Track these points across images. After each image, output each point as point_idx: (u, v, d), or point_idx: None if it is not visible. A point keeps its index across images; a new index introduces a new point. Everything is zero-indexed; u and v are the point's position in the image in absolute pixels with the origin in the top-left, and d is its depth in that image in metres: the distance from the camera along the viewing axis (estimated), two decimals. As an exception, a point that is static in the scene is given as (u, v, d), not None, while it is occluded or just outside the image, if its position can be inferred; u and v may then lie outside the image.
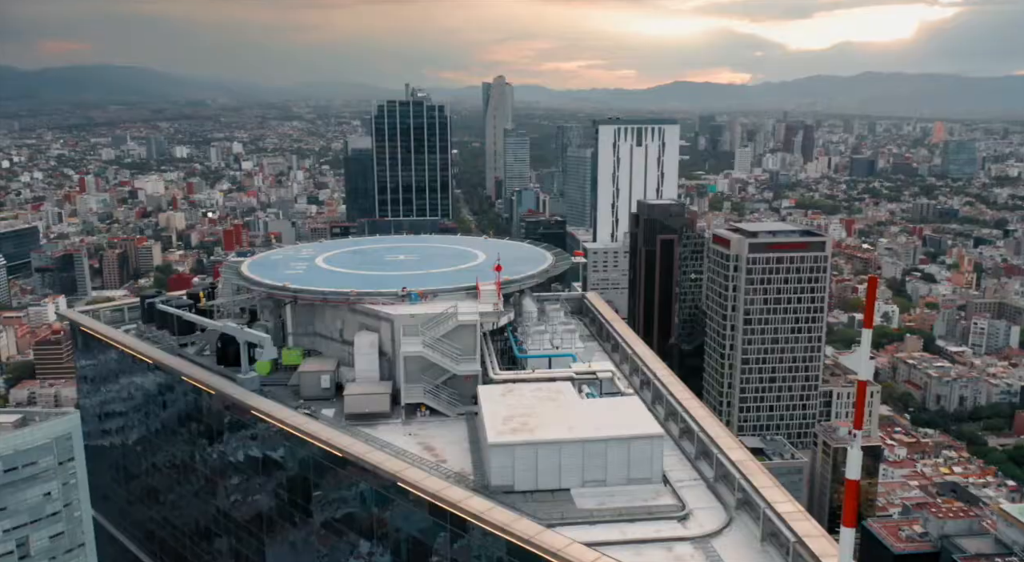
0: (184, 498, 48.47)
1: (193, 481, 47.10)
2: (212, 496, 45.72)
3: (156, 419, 49.38)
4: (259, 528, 41.99)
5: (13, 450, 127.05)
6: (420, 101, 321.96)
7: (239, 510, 43.48)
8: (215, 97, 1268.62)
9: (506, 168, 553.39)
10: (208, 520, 46.13)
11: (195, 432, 45.95)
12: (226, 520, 44.35)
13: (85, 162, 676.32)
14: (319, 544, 37.94)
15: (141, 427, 51.08)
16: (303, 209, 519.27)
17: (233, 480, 43.69)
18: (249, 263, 52.08)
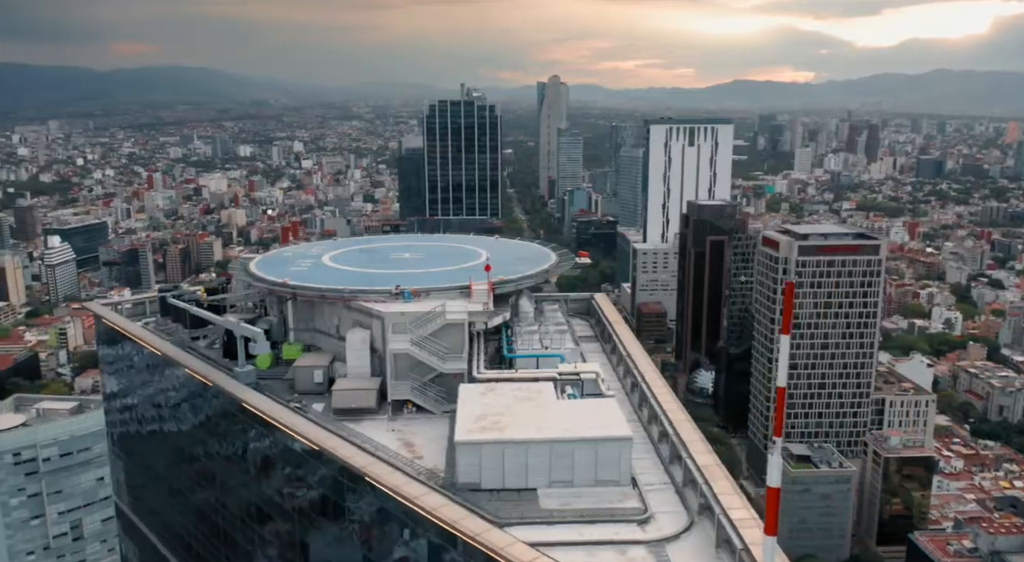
0: (190, 488, 50.31)
1: (197, 472, 48.86)
2: (212, 486, 47.36)
3: (165, 409, 51.38)
4: (251, 519, 43.39)
5: (69, 436, 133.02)
6: (471, 101, 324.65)
7: (234, 501, 44.97)
8: (278, 97, 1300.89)
9: (559, 168, 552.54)
10: (211, 510, 47.78)
11: (198, 422, 47.65)
12: (224, 510, 45.91)
13: (154, 160, 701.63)
14: (293, 532, 39.02)
15: (152, 417, 53.22)
16: (359, 207, 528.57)
17: (231, 471, 45.13)
18: (259, 260, 53.76)
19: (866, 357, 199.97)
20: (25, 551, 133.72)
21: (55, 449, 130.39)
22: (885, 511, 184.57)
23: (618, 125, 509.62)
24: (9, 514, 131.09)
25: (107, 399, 62.20)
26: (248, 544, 43.57)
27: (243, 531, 44.15)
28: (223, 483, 46.02)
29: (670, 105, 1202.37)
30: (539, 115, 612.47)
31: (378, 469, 32.91)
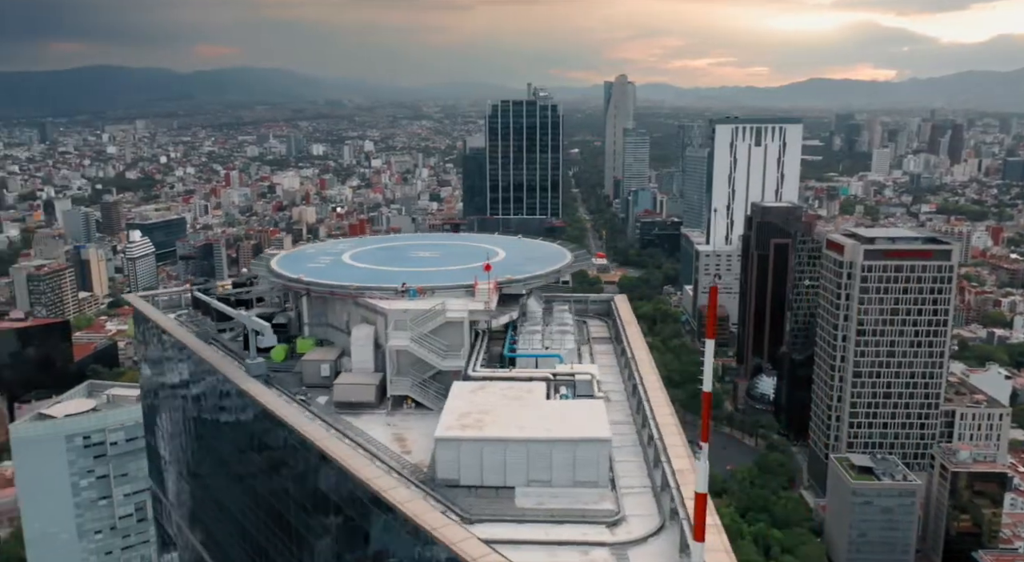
0: (206, 472, 52.40)
1: (211, 457, 50.83)
2: (223, 471, 49.21)
3: (186, 396, 53.60)
4: (252, 501, 44.95)
5: (135, 421, 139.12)
6: (534, 101, 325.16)
7: (239, 484, 46.65)
8: (351, 98, 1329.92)
9: (624, 168, 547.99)
10: (224, 494, 49.61)
11: (212, 410, 49.55)
12: (233, 493, 47.64)
13: (232, 158, 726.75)
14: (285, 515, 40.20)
15: (175, 403, 55.61)
16: (425, 206, 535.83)
17: (238, 456, 46.80)
18: (282, 256, 55.54)
19: (936, 367, 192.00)
20: (93, 530, 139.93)
21: (122, 434, 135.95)
22: (952, 528, 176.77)
23: (685, 125, 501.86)
24: (79, 494, 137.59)
25: (142, 385, 65.19)
26: (250, 525, 45.22)
27: (247, 513, 45.79)
28: (232, 468, 47.74)
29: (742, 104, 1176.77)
30: (605, 115, 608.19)
31: (354, 462, 33.72)
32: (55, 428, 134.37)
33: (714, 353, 25.48)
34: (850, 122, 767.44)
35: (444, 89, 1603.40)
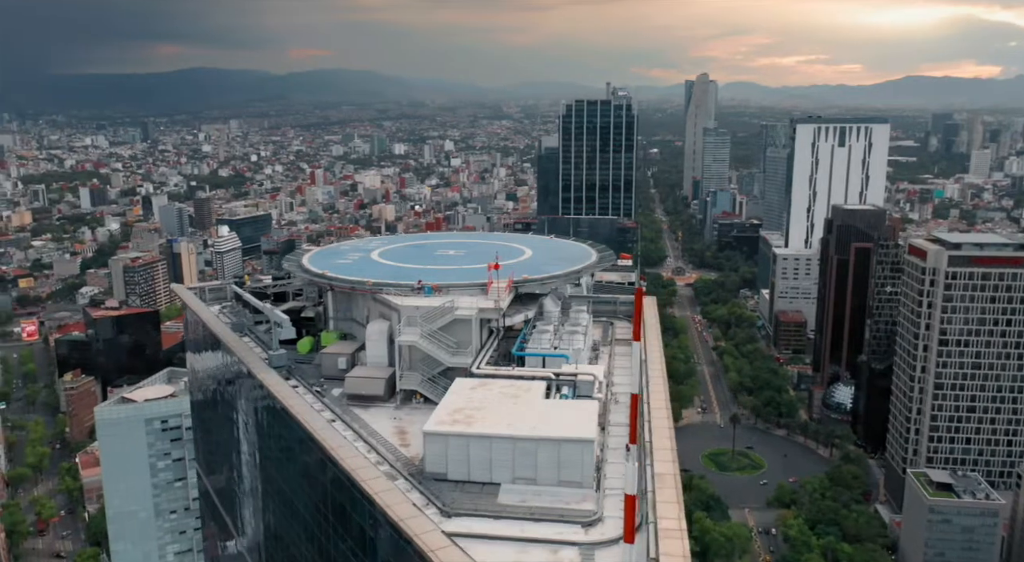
0: (236, 457, 54.69)
1: (242, 445, 53.07)
2: (249, 455, 51.31)
3: (219, 384, 56.10)
4: (272, 491, 46.74)
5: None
6: (608, 100, 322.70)
7: (265, 475, 48.59)
8: (434, 98, 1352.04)
9: (704, 168, 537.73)
10: (253, 483, 51.76)
11: (238, 396, 51.75)
12: (264, 481, 49.58)
13: (318, 157, 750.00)
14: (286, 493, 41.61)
15: (211, 389, 58.26)
16: (500, 205, 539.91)
17: (257, 441, 48.72)
18: (317, 251, 57.41)
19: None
20: (169, 510, 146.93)
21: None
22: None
23: (768, 124, 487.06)
24: (156, 475, 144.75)
25: (188, 374, 68.42)
26: (270, 508, 47.11)
27: (267, 498, 47.70)
28: (254, 454, 49.75)
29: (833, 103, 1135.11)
30: (685, 114, 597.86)
31: (342, 452, 34.77)
32: (136, 411, 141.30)
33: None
34: (948, 122, 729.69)
35: (525, 89, 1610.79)
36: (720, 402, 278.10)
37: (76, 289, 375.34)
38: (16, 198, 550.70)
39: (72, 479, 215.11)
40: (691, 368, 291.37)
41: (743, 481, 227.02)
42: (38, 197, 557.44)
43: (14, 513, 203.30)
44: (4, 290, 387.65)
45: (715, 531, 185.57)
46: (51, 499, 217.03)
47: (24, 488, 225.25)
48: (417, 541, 27.11)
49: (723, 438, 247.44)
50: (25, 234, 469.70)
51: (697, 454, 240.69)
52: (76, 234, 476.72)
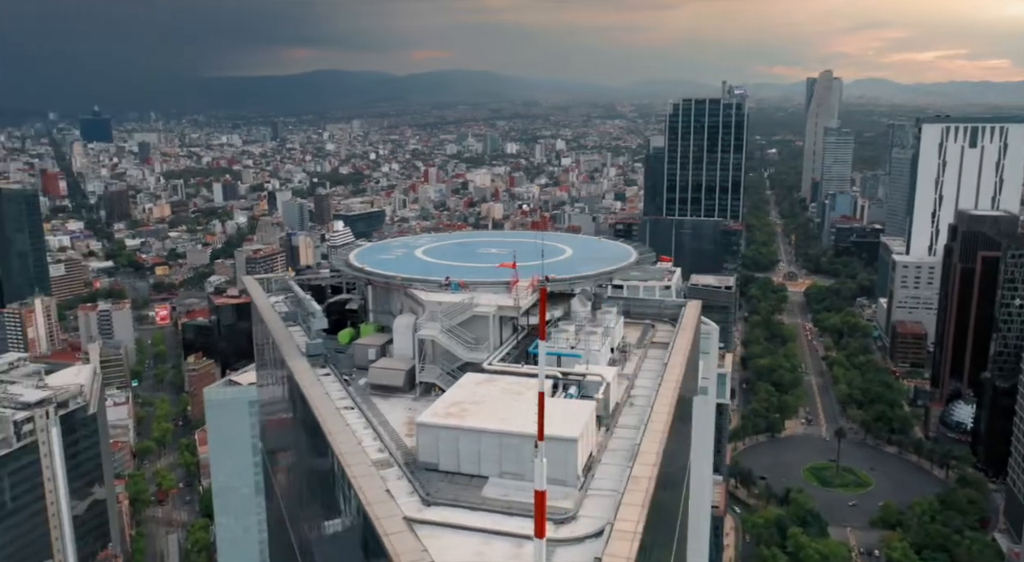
0: (282, 444, 57.71)
1: (283, 425, 55.97)
2: (292, 441, 54.02)
3: (270, 371, 59.32)
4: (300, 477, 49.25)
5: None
6: (718, 99, 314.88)
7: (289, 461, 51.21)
8: (548, 97, 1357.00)
9: (824, 169, 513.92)
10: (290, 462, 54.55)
11: (283, 383, 54.53)
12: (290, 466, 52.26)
13: (432, 156, 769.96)
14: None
15: (266, 376, 61.65)
16: (608, 205, 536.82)
17: (294, 432, 51.22)
18: (367, 246, 59.74)
19: None
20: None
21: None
22: None
23: (896, 123, 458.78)
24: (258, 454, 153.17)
25: (257, 367, 72.56)
26: (289, 486, 49.64)
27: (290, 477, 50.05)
28: (295, 437, 52.38)
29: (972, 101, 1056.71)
30: (806, 113, 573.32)
31: (339, 437, 36.37)
32: (240, 393, 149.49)
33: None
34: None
35: (641, 87, 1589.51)
36: (827, 414, 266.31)
37: (205, 278, 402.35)
38: (158, 192, 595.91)
39: (190, 454, 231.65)
40: (797, 377, 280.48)
41: (846, 498, 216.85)
42: (177, 191, 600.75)
43: (138, 482, 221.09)
44: (142, 277, 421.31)
45: (810, 548, 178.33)
46: (171, 472, 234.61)
47: (149, 460, 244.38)
48: (376, 524, 28.30)
49: (827, 452, 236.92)
50: (163, 225, 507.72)
51: (798, 467, 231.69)
52: (208, 226, 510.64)
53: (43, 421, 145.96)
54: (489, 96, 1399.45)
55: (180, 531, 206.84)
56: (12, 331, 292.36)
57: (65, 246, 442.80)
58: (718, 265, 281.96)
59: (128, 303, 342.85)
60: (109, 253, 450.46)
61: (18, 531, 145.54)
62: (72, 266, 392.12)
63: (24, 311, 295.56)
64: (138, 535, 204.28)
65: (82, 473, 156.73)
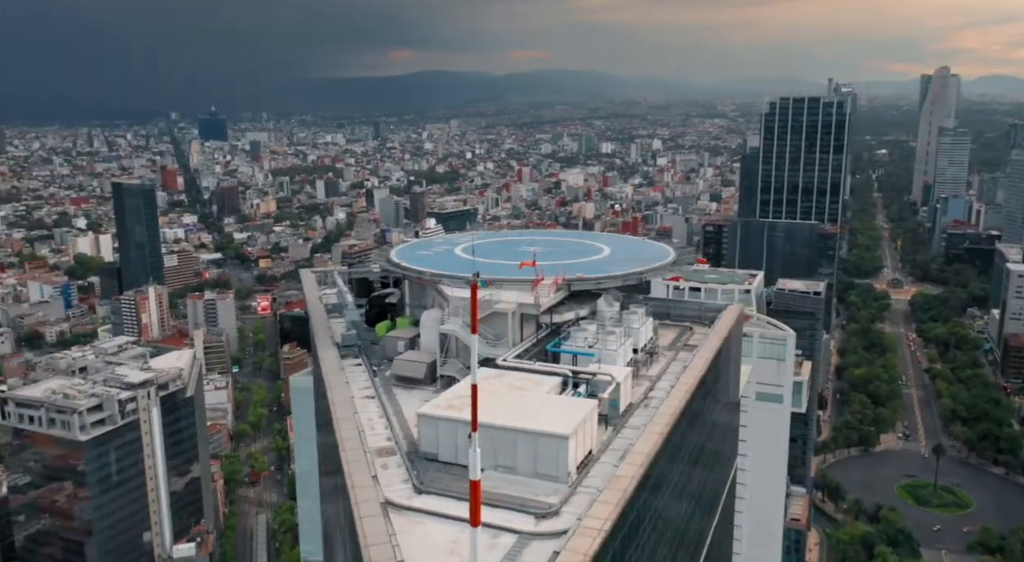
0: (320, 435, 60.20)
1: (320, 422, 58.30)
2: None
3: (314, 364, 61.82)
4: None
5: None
6: (817, 98, 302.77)
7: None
8: (647, 96, 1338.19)
9: (937, 171, 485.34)
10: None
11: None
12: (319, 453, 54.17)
13: (527, 155, 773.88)
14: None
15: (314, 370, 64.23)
16: (703, 206, 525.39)
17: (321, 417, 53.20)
18: (411, 243, 61.37)
19: None
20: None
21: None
22: None
23: (1018, 123, 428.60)
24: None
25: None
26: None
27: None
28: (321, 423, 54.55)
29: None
30: (920, 111, 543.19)
31: (345, 423, 37.80)
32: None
33: (475, 349, 24.74)
34: None
35: (743, 86, 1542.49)
36: (927, 430, 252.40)
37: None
38: (265, 188, 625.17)
39: (282, 439, 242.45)
40: (896, 390, 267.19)
41: (943, 520, 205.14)
42: (283, 188, 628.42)
43: (233, 463, 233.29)
44: (247, 269, 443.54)
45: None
46: (264, 455, 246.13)
47: (244, 443, 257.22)
48: (353, 508, 29.51)
49: (925, 469, 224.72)
50: (269, 220, 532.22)
51: (891, 484, 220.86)
52: (310, 222, 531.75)
53: (145, 401, 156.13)
54: (588, 95, 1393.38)
55: (269, 512, 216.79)
56: (127, 316, 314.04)
57: (179, 238, 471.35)
58: (813, 270, 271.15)
59: (232, 293, 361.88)
60: (218, 245, 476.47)
61: (121, 502, 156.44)
62: (184, 257, 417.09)
63: (139, 298, 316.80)
64: (231, 513, 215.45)
65: (180, 451, 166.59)
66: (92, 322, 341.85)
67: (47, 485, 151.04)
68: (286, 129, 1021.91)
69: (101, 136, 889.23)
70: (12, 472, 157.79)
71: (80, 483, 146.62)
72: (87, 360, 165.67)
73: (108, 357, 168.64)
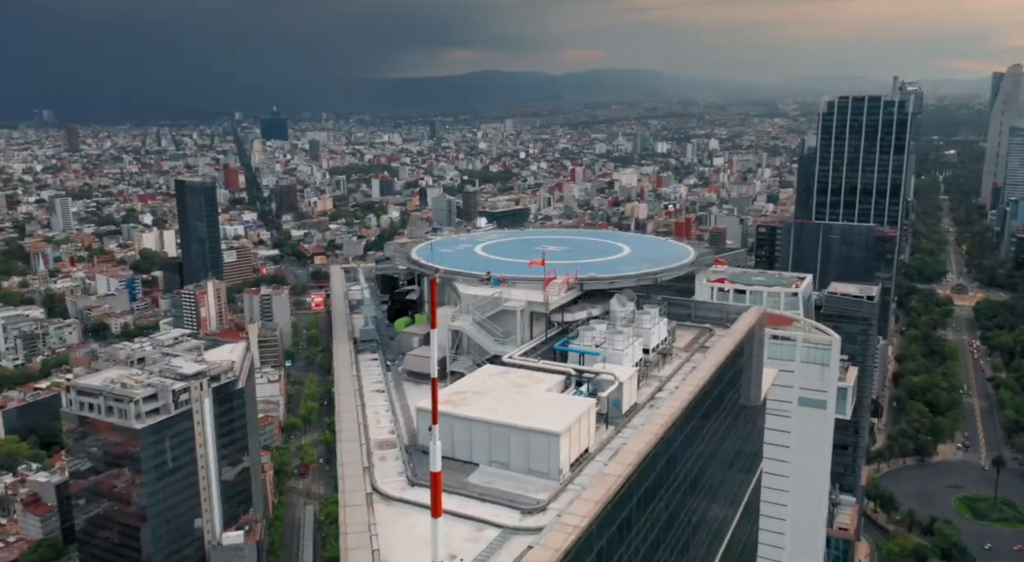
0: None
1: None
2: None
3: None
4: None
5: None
6: (877, 97, 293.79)
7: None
8: (706, 96, 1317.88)
9: (1008, 173, 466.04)
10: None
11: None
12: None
13: (581, 155, 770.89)
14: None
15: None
16: (760, 207, 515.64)
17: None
18: (434, 241, 62.15)
19: None
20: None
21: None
22: None
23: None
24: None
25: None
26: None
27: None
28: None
29: None
30: (990, 111, 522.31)
31: (346, 415, 38.66)
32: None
33: (435, 343, 24.69)
34: None
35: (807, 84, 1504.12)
36: (988, 441, 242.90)
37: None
38: (323, 187, 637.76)
39: (331, 432, 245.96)
40: (956, 398, 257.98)
41: (1003, 535, 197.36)
42: (339, 186, 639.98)
43: (283, 455, 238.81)
44: (303, 265, 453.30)
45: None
46: (314, 448, 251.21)
47: (295, 435, 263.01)
48: (339, 496, 30.31)
49: (984, 482, 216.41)
50: (325, 218, 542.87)
51: (948, 496, 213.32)
52: (364, 220, 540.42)
53: (197, 392, 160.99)
54: (645, 95, 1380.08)
55: (316, 503, 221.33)
56: (187, 310, 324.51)
57: (239, 235, 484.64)
58: (870, 274, 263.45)
59: (287, 289, 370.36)
60: (276, 242, 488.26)
61: (174, 489, 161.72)
62: (243, 253, 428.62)
63: (198, 292, 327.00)
64: (279, 504, 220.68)
65: (231, 442, 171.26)
66: (155, 315, 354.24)
67: (106, 471, 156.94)
68: (345, 129, 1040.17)
69: (168, 135, 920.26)
70: (74, 458, 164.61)
71: (136, 470, 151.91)
72: (145, 351, 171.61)
73: (164, 349, 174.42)
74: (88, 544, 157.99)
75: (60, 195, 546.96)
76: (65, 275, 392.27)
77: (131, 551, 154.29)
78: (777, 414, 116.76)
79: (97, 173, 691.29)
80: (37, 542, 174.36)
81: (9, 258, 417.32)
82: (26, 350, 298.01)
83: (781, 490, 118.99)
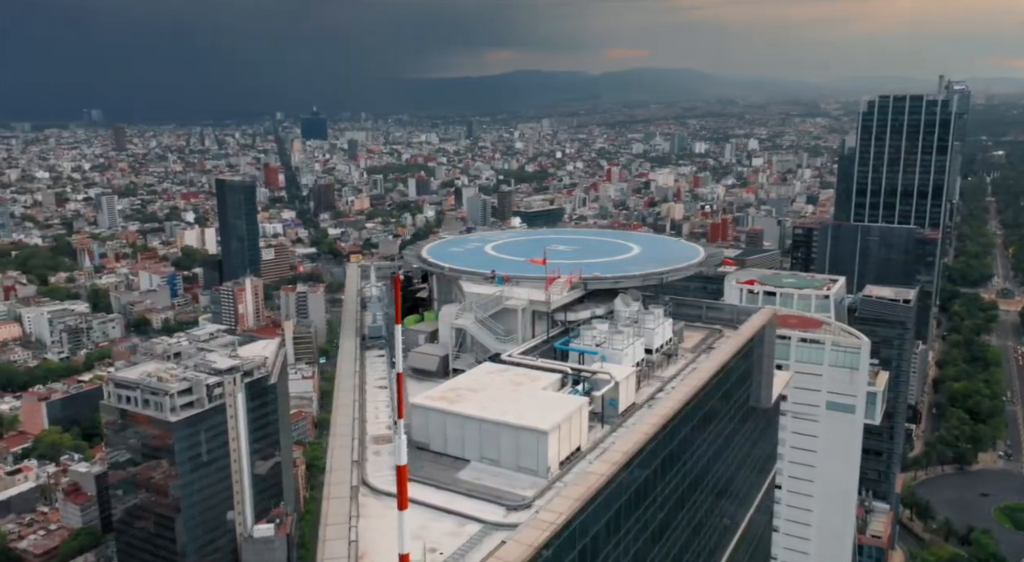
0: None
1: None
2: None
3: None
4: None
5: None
6: (919, 96, 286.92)
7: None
8: (746, 95, 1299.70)
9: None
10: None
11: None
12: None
13: (618, 155, 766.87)
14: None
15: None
16: (799, 208, 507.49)
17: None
18: (446, 240, 62.66)
19: None
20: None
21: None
22: None
23: None
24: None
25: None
26: None
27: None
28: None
29: None
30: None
31: (342, 410, 39.28)
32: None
33: (399, 339, 24.68)
34: None
35: (850, 83, 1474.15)
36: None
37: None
38: (360, 186, 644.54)
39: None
40: (998, 406, 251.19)
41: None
42: (377, 186, 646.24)
43: (316, 450, 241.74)
44: (339, 263, 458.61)
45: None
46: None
47: (327, 431, 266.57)
48: (325, 488, 30.91)
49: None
50: (362, 217, 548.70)
51: (988, 505, 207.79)
52: (400, 219, 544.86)
53: (231, 386, 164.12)
54: (684, 94, 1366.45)
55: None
56: (226, 306, 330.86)
57: (278, 233, 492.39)
58: (910, 277, 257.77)
59: (323, 287, 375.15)
60: (313, 240, 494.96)
61: (208, 481, 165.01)
62: (280, 251, 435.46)
63: (236, 289, 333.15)
64: (311, 498, 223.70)
65: (264, 436, 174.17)
66: (194, 311, 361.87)
67: (144, 463, 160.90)
68: (383, 128, 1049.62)
69: (212, 135, 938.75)
70: (113, 449, 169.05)
71: (171, 462, 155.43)
72: (181, 346, 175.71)
73: (200, 344, 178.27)
74: (125, 533, 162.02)
75: (107, 193, 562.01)
76: (110, 271, 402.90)
77: (166, 541, 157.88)
78: (804, 418, 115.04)
79: (143, 172, 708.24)
80: (77, 530, 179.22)
81: (57, 254, 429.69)
82: (71, 343, 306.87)
83: (806, 495, 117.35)
